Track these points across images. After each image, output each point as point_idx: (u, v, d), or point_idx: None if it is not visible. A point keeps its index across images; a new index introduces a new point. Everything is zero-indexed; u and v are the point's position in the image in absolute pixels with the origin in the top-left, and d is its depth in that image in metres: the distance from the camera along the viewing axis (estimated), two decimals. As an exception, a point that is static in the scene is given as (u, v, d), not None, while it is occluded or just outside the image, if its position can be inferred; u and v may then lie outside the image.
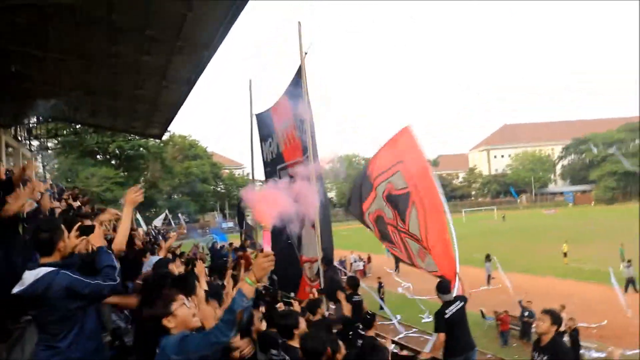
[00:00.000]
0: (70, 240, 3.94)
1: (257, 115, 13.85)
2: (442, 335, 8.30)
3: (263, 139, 13.78)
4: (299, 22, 9.89)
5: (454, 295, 8.98)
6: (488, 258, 32.23)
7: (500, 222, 76.08)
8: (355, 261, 39.18)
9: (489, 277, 31.37)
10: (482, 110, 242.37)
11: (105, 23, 10.85)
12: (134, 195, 4.72)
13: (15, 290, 3.69)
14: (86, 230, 4.13)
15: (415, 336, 20.12)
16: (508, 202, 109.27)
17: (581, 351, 17.16)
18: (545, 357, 6.15)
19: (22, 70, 14.22)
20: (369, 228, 11.21)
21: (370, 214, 11.04)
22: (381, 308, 21.35)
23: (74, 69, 14.67)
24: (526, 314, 20.08)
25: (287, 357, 4.97)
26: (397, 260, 36.76)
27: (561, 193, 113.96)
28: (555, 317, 6.31)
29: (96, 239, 4.04)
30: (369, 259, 40.06)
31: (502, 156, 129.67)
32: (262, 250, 3.58)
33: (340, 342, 4.81)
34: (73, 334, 3.70)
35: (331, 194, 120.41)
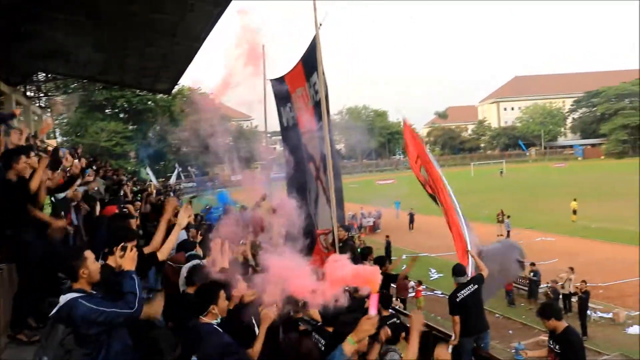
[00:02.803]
0: (94, 265, 4.02)
1: (272, 81, 13.77)
2: (456, 318, 8.45)
3: (282, 104, 13.74)
4: (314, -8, 9.66)
5: (470, 275, 8.98)
6: (503, 216, 32.53)
7: (507, 176, 75.66)
8: (364, 217, 39.07)
9: (508, 233, 31.49)
10: (492, 62, 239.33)
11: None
12: (187, 216, 4.99)
13: (51, 314, 3.85)
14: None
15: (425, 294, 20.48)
16: (517, 155, 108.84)
17: (588, 312, 17.39)
18: (557, 346, 6.48)
19: (32, 29, 14.13)
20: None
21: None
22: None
23: (85, 27, 14.54)
24: (531, 274, 20.30)
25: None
26: (412, 218, 37.17)
27: (571, 146, 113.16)
28: (548, 313, 6.66)
29: (127, 262, 4.07)
30: (379, 214, 39.93)
31: (512, 109, 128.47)
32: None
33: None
34: (101, 356, 3.85)
35: (340, 146, 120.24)
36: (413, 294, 19.99)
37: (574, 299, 18.10)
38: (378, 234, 36.07)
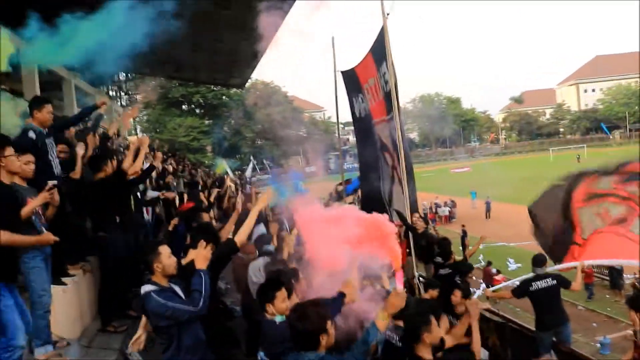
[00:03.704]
0: (169, 260, 4.18)
1: (343, 72, 13.88)
2: (509, 294, 8.80)
3: (354, 96, 13.83)
4: (381, -16, 9.65)
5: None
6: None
7: (590, 160, 72.54)
8: (439, 206, 38.50)
9: None
10: (571, 42, 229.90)
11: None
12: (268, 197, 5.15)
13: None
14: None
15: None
16: (600, 139, 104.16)
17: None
18: None
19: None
20: None
21: None
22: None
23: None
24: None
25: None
26: (488, 206, 36.29)
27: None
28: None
29: (200, 260, 4.19)
30: (454, 203, 39.28)
31: (593, 90, 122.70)
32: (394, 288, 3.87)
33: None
34: (172, 348, 4.04)
35: (413, 134, 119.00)
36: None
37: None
38: (453, 223, 35.52)
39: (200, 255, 4.20)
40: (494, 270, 20.30)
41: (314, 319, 3.52)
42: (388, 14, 10.04)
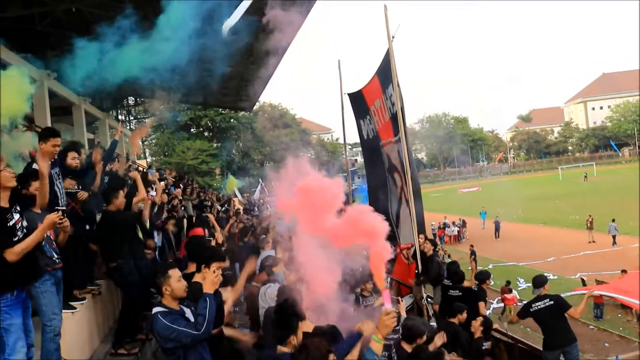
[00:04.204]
0: (178, 284, 4.25)
1: (350, 95, 14.03)
2: (516, 318, 8.87)
3: (361, 117, 13.96)
4: (385, 6, 9.76)
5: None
6: (592, 221, 31.06)
7: (599, 179, 72.25)
8: (448, 226, 38.37)
9: (614, 237, 29.50)
10: (577, 60, 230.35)
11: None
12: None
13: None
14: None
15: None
16: (608, 157, 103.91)
17: None
18: None
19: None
20: None
21: None
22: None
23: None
24: (625, 282, 19.21)
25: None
26: (497, 226, 36.17)
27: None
28: None
29: (207, 284, 4.27)
30: (464, 222, 39.15)
31: (601, 108, 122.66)
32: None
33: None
34: None
35: (421, 154, 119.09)
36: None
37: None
38: (462, 243, 35.36)
39: (208, 280, 4.27)
40: (508, 290, 20.17)
41: (318, 356, 3.52)
42: (393, 37, 10.15)
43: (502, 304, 19.17)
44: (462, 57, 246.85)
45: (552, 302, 8.40)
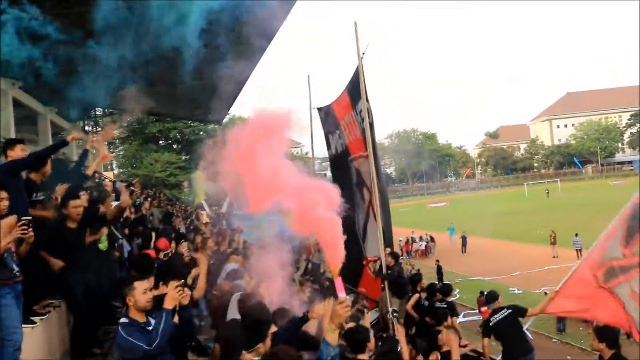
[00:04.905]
0: (142, 296, 4.25)
1: (319, 109, 14.08)
2: (486, 340, 8.53)
3: (330, 132, 13.99)
4: (355, 23, 9.87)
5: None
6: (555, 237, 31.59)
7: (563, 195, 73.68)
8: (415, 241, 38.63)
9: (578, 251, 29.86)
10: (543, 79, 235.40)
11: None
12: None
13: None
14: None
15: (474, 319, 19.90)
16: (572, 174, 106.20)
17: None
18: None
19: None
20: None
21: None
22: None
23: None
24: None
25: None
26: (464, 241, 36.44)
27: (630, 162, 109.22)
28: (604, 336, 6.28)
29: (167, 300, 4.27)
30: (431, 237, 39.46)
31: (565, 126, 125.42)
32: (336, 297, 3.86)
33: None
34: None
35: (390, 169, 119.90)
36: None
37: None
38: (430, 258, 35.64)
39: (169, 296, 4.27)
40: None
41: None
42: (363, 54, 10.24)
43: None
44: (433, 72, 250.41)
45: (509, 311, 8.53)
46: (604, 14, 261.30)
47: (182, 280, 4.92)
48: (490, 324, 8.56)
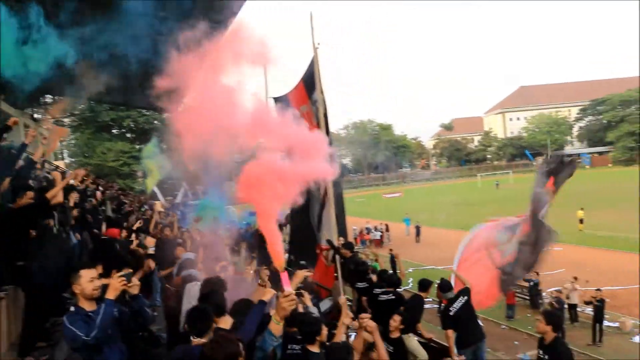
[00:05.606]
0: (89, 284, 4.19)
1: (276, 99, 14.03)
2: (450, 332, 8.50)
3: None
4: (310, 13, 9.88)
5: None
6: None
7: (515, 186, 75.33)
8: (370, 231, 38.91)
9: None
10: (497, 73, 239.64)
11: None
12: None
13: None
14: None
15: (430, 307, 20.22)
16: (524, 165, 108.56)
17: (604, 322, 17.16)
18: (546, 357, 6.31)
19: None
20: None
21: None
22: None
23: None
24: (531, 283, 20.09)
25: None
26: (418, 230, 36.97)
27: (578, 155, 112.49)
28: (550, 319, 6.41)
29: (109, 290, 4.15)
30: (387, 227, 39.86)
31: (518, 119, 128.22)
32: (283, 291, 3.91)
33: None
34: None
35: (346, 160, 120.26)
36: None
37: (589, 309, 17.83)
38: (384, 247, 35.93)
39: (111, 286, 4.17)
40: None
41: (229, 351, 3.44)
42: (318, 44, 10.27)
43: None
44: (390, 64, 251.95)
45: (466, 297, 8.72)
46: (557, 10, 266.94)
47: (130, 271, 4.88)
48: (451, 313, 8.59)
